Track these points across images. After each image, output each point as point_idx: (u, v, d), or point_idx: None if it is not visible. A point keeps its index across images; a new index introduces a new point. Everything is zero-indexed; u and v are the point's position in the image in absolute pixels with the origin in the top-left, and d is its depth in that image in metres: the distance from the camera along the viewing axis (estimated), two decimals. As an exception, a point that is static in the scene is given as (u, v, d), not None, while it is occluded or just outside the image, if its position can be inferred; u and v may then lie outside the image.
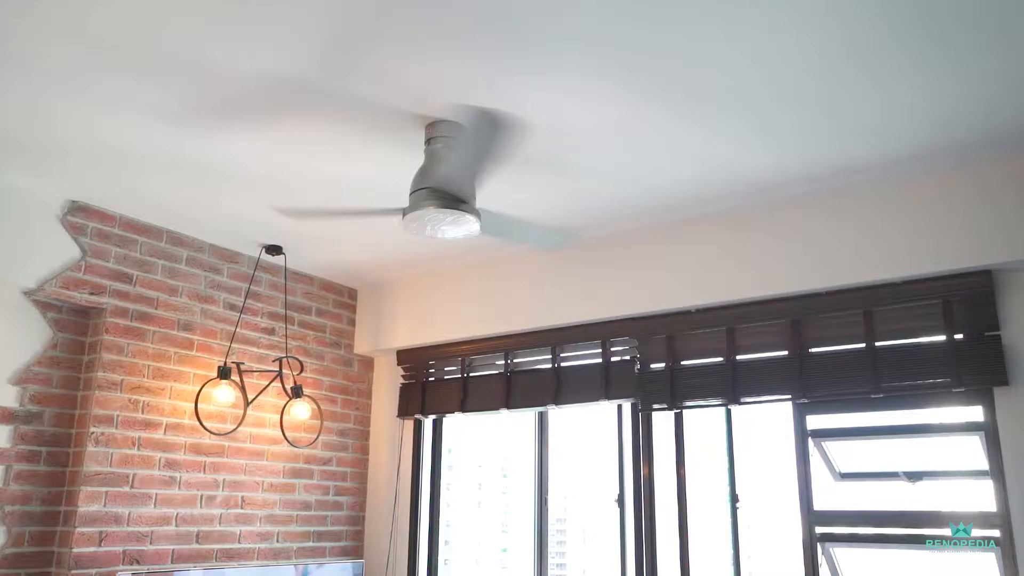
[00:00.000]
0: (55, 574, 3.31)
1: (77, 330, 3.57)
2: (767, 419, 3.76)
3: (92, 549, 3.35)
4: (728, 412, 3.67)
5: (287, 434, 4.12)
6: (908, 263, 3.18)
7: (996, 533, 2.99)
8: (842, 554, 3.31)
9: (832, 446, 3.40)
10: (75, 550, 3.30)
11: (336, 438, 4.56)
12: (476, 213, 2.73)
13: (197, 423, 3.76)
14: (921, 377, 3.16)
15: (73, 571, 3.28)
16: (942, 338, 3.16)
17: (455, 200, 2.66)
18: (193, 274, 3.93)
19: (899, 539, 3.20)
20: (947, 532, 3.10)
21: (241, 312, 4.09)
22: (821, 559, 3.31)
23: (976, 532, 3.05)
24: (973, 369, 3.05)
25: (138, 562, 3.49)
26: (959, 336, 3.12)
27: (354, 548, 4.55)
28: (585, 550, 4.77)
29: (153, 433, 3.65)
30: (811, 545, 3.33)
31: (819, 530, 3.33)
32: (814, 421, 3.43)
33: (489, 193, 3.10)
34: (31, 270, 3.33)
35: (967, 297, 3.12)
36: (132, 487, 3.54)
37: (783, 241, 3.47)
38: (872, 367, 3.24)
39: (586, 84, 2.51)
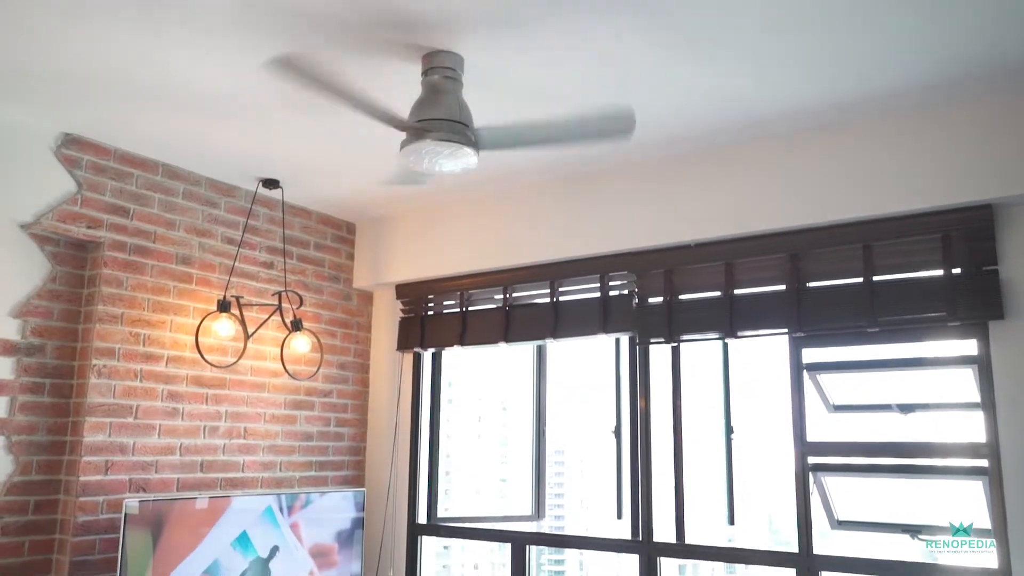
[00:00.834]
0: (63, 501, 3.39)
1: (75, 264, 3.57)
2: (763, 353, 3.80)
3: (99, 477, 3.42)
4: (725, 345, 3.70)
5: (287, 367, 4.16)
6: (908, 198, 3.16)
7: (984, 463, 3.05)
8: (833, 483, 3.38)
9: (826, 379, 3.45)
10: (82, 478, 3.37)
11: (336, 371, 4.61)
12: (475, 146, 2.70)
13: (198, 356, 3.80)
14: (917, 311, 3.18)
15: (81, 498, 3.35)
16: (940, 272, 3.16)
17: (453, 133, 2.63)
18: (190, 208, 3.91)
19: (889, 469, 3.27)
20: (936, 463, 3.16)
21: (239, 246, 4.09)
22: (813, 488, 3.39)
23: (964, 462, 3.12)
24: (969, 303, 3.07)
25: (144, 490, 3.57)
26: (957, 271, 3.12)
27: (355, 477, 4.65)
28: (583, 481, 4.88)
29: (155, 366, 3.69)
30: (803, 475, 3.40)
31: (811, 460, 3.39)
32: (810, 355, 3.47)
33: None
34: (27, 204, 3.31)
35: (967, 231, 3.12)
36: (136, 418, 3.59)
37: (782, 175, 3.45)
38: (869, 301, 3.25)
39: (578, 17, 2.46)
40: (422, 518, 4.54)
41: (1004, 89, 2.96)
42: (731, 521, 3.60)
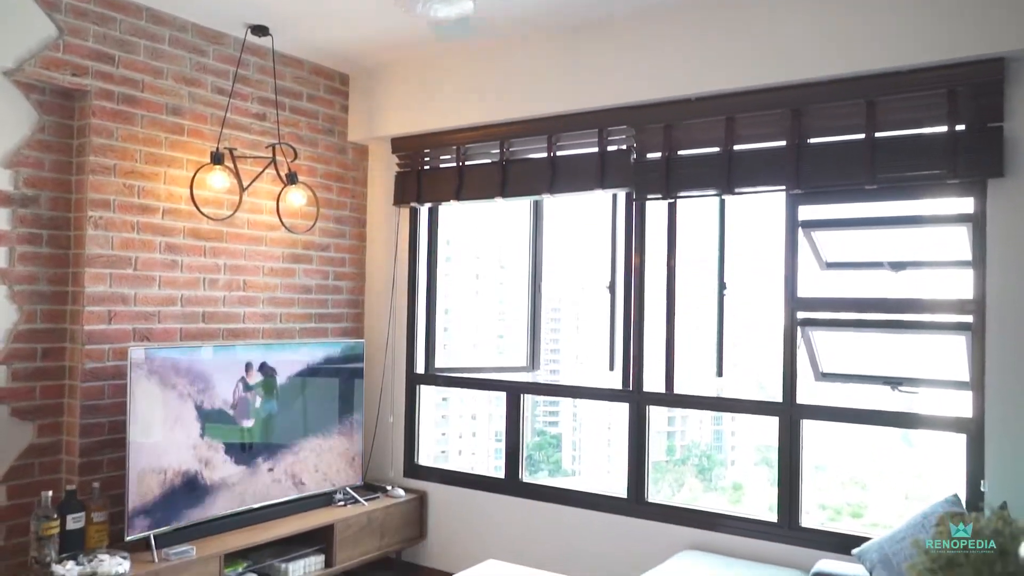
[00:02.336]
0: (70, 349, 3.48)
1: (63, 113, 3.50)
2: (758, 211, 3.80)
3: (103, 327, 3.50)
4: (722, 203, 3.69)
5: (284, 220, 4.17)
6: (915, 50, 3.06)
7: (969, 319, 3.12)
8: (820, 337, 3.47)
9: (821, 236, 3.46)
10: (86, 327, 3.44)
11: (333, 225, 4.61)
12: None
13: (194, 208, 3.79)
14: (917, 168, 3.16)
15: (87, 346, 3.44)
16: (943, 129, 3.11)
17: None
18: (177, 55, 3.79)
19: (876, 324, 3.35)
20: (923, 318, 3.24)
21: (230, 97, 3.99)
22: (800, 342, 3.48)
23: (950, 318, 3.19)
24: (970, 160, 3.03)
25: (148, 339, 3.66)
26: (960, 127, 3.07)
27: (354, 330, 4.76)
28: (577, 336, 5.00)
29: (151, 218, 3.69)
30: (792, 329, 3.48)
31: (801, 315, 3.46)
32: (806, 212, 3.47)
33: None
34: (7, 49, 3.20)
35: (975, 86, 3.04)
36: (135, 269, 3.63)
37: (786, 27, 3.32)
38: (869, 158, 3.22)
39: None
40: (420, 369, 4.69)
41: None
42: (719, 373, 3.71)
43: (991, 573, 0.88)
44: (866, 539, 3.00)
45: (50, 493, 3.15)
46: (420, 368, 4.69)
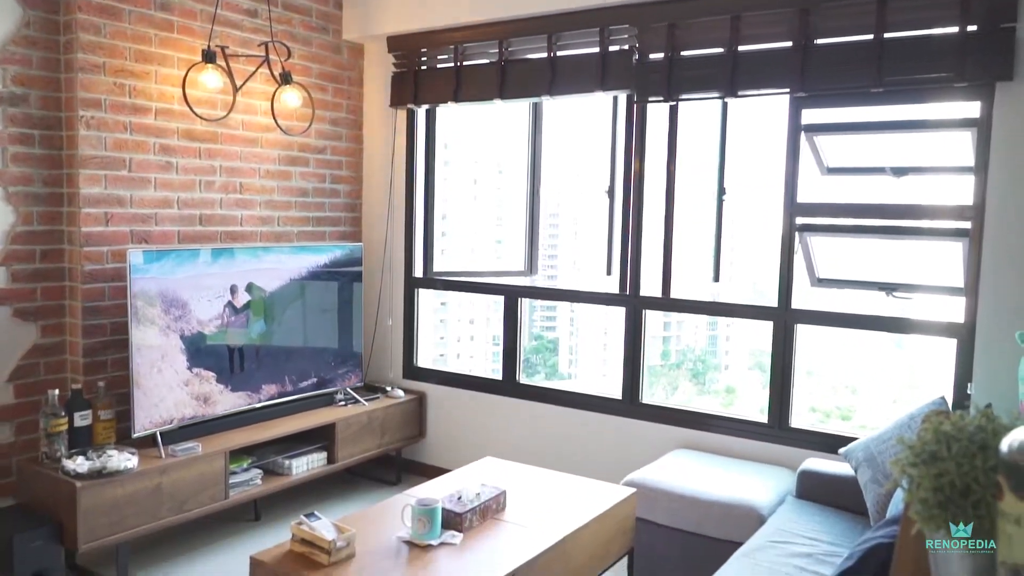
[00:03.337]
0: (69, 251, 3.48)
1: (48, 7, 3.39)
2: (760, 115, 3.74)
3: (100, 228, 3.49)
4: (724, 105, 3.63)
5: (279, 121, 4.10)
6: (934, -56, 2.95)
7: (967, 225, 3.11)
8: (817, 243, 3.48)
9: (823, 141, 3.42)
10: (84, 229, 3.43)
11: (329, 127, 4.54)
12: None
13: (187, 109, 3.72)
14: (925, 71, 3.09)
15: (85, 248, 3.44)
16: (954, 30, 3.02)
17: None
18: (163, -54, 3.65)
19: (875, 230, 3.35)
20: (922, 224, 3.23)
21: (220, -9, 3.86)
22: (797, 248, 3.48)
23: (949, 224, 3.18)
24: (979, 62, 2.96)
25: (146, 241, 3.66)
26: (972, 27, 2.98)
27: (352, 234, 4.75)
28: (575, 243, 5.01)
29: (143, 118, 3.62)
30: (790, 234, 3.48)
31: (799, 220, 3.46)
32: (809, 115, 3.41)
33: None
34: (-14, -63, 3.08)
35: (990, -16, 2.94)
36: (130, 171, 3.59)
37: (803, -83, 3.19)
38: (877, 59, 3.14)
39: None
40: (419, 273, 4.71)
41: None
42: (716, 279, 3.73)
43: (972, 467, 0.90)
44: (853, 439, 3.09)
45: (56, 392, 3.21)
46: (418, 272, 4.71)
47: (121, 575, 3.22)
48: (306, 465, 3.91)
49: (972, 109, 3.09)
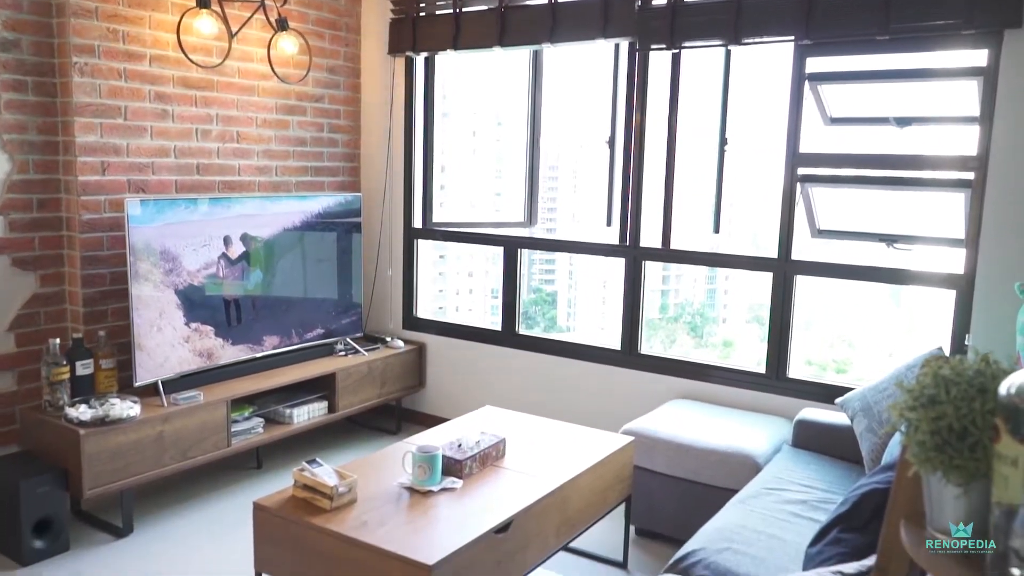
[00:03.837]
0: (66, 200, 3.46)
1: (38, -50, 3.32)
2: (764, 64, 3.68)
3: (97, 177, 3.47)
4: (727, 53, 3.57)
5: (276, 69, 4.04)
6: None
7: (970, 176, 3.09)
8: (819, 193, 3.46)
9: (827, 90, 3.38)
10: (80, 178, 3.41)
11: (326, 75, 4.48)
12: None
13: (182, 56, 3.66)
14: (932, 18, 3.03)
15: (82, 197, 3.42)
16: (963, -25, 2.97)
17: None
18: None
19: (877, 181, 3.33)
20: (924, 175, 3.21)
21: (213, -66, 3.77)
22: (799, 198, 3.46)
23: (951, 175, 3.16)
24: (987, 7, 2.91)
25: (143, 191, 3.63)
26: (982, -27, 2.93)
27: (351, 184, 4.72)
28: (575, 195, 4.98)
29: (138, 65, 3.57)
30: (791, 185, 3.46)
31: (801, 171, 3.43)
32: (813, 64, 3.36)
33: None
34: None
35: (1001, -72, 2.88)
36: (126, 119, 3.55)
37: None
38: (884, 6, 3.08)
39: None
40: (418, 224, 4.69)
41: None
42: (716, 230, 3.72)
43: (970, 410, 0.91)
44: (850, 390, 3.11)
45: (57, 340, 3.22)
46: (418, 223, 4.69)
47: (126, 521, 3.27)
48: (307, 414, 3.95)
49: (979, 57, 3.05)
